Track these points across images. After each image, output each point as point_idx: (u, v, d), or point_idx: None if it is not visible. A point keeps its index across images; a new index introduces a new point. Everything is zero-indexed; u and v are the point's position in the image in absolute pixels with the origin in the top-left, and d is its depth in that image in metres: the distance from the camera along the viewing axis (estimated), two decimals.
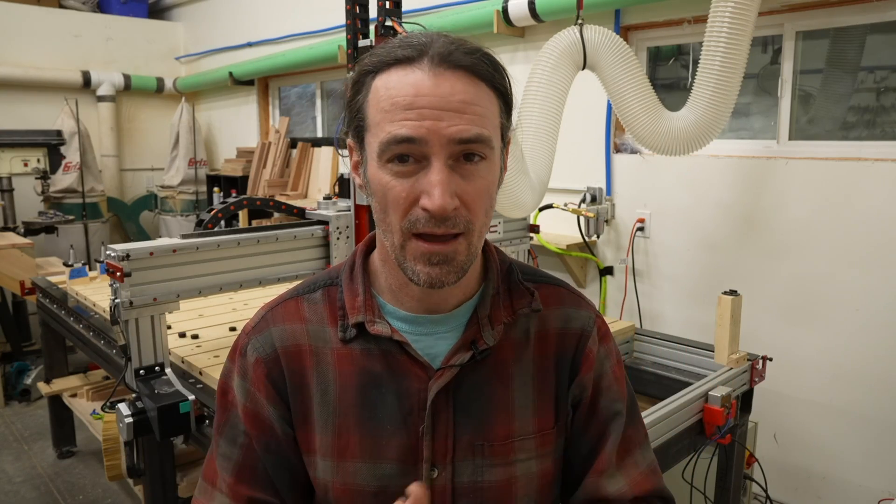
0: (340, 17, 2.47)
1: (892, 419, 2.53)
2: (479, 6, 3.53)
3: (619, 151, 3.32)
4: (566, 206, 3.28)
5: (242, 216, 4.90)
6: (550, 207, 3.31)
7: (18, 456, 3.47)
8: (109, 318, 1.93)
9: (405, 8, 2.40)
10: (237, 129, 6.12)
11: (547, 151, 2.61)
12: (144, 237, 6.21)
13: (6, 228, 4.69)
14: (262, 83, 5.80)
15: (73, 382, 3.40)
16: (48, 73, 5.75)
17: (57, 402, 3.41)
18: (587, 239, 3.33)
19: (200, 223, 2.29)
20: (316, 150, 5.21)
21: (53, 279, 3.34)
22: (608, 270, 3.40)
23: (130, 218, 6.35)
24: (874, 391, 2.56)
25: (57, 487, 3.17)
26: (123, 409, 1.88)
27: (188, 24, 6.56)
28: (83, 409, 3.18)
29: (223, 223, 2.38)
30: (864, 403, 2.60)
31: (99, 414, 2.86)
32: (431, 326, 0.87)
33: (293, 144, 5.35)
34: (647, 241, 3.23)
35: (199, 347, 2.26)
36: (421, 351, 0.86)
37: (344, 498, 0.86)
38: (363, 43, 2.29)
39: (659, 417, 1.79)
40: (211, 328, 2.48)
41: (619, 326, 2.49)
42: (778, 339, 2.78)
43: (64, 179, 5.38)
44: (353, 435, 0.86)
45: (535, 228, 2.96)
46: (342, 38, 4.07)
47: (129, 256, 1.85)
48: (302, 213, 2.49)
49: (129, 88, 6.17)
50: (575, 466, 0.94)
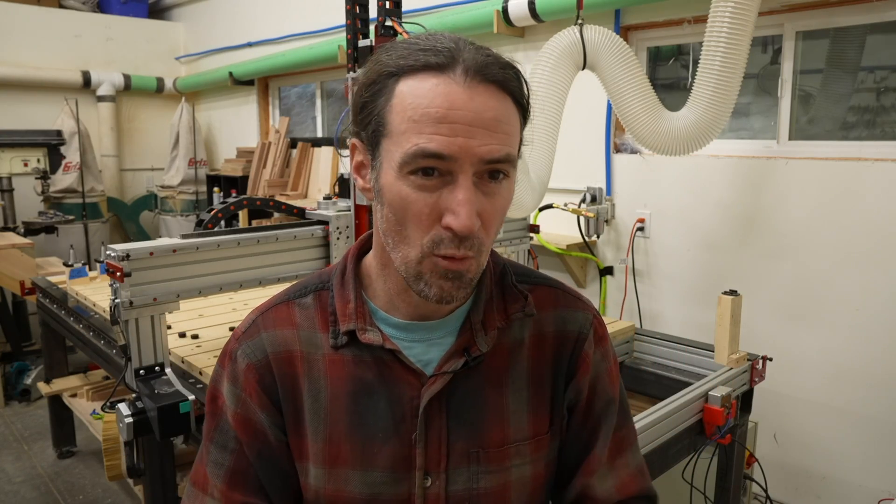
0: (340, 17, 2.47)
1: (892, 419, 2.53)
2: (479, 6, 3.52)
3: (619, 151, 3.32)
4: (566, 206, 3.28)
5: (242, 216, 4.90)
6: (550, 207, 3.31)
7: (18, 456, 3.47)
8: (109, 318, 1.93)
9: (405, 8, 2.40)
10: (237, 129, 6.12)
11: (547, 151, 2.61)
12: (144, 237, 6.21)
13: (6, 228, 4.69)
14: (262, 83, 5.80)
15: (73, 382, 3.40)
16: (48, 73, 5.75)
17: (57, 402, 3.41)
18: (587, 239, 3.33)
19: (200, 223, 2.29)
20: (316, 150, 5.21)
21: (53, 279, 3.34)
22: (608, 270, 3.40)
23: (130, 218, 6.35)
24: (874, 391, 2.56)
25: (57, 487, 3.17)
26: (123, 409, 1.88)
27: (188, 24, 6.56)
28: (83, 409, 3.17)
29: (223, 223, 2.38)
30: (864, 403, 2.60)
31: (99, 414, 2.86)
32: (424, 333, 0.86)
33: (293, 144, 5.35)
34: (647, 241, 3.23)
35: (199, 347, 2.26)
36: (413, 358, 0.84)
37: None
38: (363, 43, 2.29)
39: (659, 417, 1.79)
40: (211, 328, 2.47)
41: (619, 326, 2.49)
42: (778, 339, 2.78)
43: (64, 179, 5.38)
44: (344, 442, 0.85)
45: (535, 228, 2.96)
46: (342, 38, 4.07)
47: (129, 256, 1.85)
48: (302, 213, 2.49)
49: (129, 88, 6.18)
50: (566, 467, 0.94)
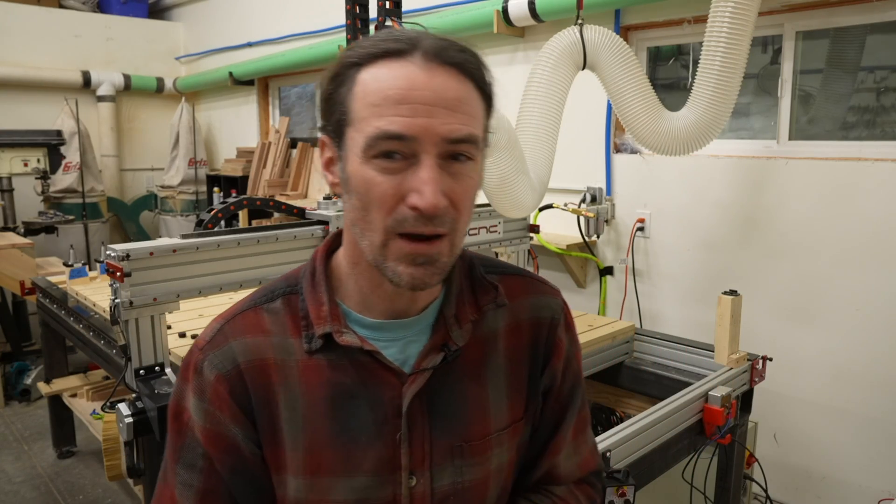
0: (340, 17, 2.47)
1: (892, 419, 2.53)
2: (479, 6, 3.52)
3: (619, 151, 3.32)
4: (566, 206, 3.28)
5: (242, 216, 4.89)
6: (550, 207, 3.31)
7: (18, 456, 3.47)
8: (109, 318, 1.93)
9: (405, 8, 2.40)
10: (237, 129, 6.12)
11: (547, 151, 2.61)
12: (144, 237, 6.20)
13: (6, 228, 4.68)
14: (261, 83, 5.80)
15: (73, 382, 3.40)
16: (48, 73, 5.74)
17: (57, 402, 3.40)
18: (587, 239, 3.33)
19: (200, 223, 2.29)
20: (316, 150, 5.21)
21: (53, 279, 3.33)
22: (608, 270, 3.39)
23: (130, 218, 6.34)
24: (874, 391, 2.56)
25: (57, 487, 3.17)
26: (123, 409, 1.88)
27: (188, 24, 6.56)
28: (83, 409, 3.17)
29: (223, 223, 2.38)
30: (864, 404, 2.60)
31: (99, 414, 2.86)
32: (399, 331, 0.85)
33: (293, 144, 5.35)
34: (647, 240, 3.23)
35: None
36: (391, 357, 0.83)
37: None
38: None
39: (659, 417, 1.79)
40: None
41: (619, 326, 2.49)
42: (778, 339, 2.78)
43: (64, 179, 5.37)
44: (325, 450, 0.82)
45: (535, 228, 2.97)
46: (342, 38, 4.07)
47: (129, 256, 1.85)
48: (302, 213, 2.49)
49: (129, 88, 6.17)
50: (533, 448, 0.95)
